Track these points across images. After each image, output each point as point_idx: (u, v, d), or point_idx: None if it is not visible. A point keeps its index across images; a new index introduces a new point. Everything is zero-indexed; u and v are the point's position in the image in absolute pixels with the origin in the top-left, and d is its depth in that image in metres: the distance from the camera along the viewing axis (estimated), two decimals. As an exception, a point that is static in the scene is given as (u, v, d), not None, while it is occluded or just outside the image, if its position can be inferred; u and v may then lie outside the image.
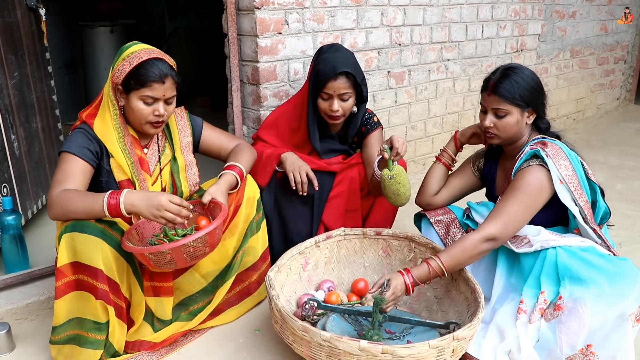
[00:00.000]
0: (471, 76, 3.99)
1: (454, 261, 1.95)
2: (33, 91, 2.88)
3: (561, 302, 1.88)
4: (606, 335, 1.78)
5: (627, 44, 5.84)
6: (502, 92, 2.02)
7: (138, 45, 1.98)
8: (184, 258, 1.84)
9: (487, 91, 2.07)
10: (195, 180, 2.22)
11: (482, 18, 3.89)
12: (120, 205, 1.80)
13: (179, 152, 2.18)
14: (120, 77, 1.94)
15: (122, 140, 2.01)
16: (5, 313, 2.21)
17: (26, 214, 2.76)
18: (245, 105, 2.91)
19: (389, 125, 3.50)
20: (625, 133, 5.20)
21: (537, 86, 2.08)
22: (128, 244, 1.84)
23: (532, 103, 2.06)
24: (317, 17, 2.91)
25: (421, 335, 1.97)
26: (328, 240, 2.32)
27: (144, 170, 2.06)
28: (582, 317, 1.81)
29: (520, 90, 2.02)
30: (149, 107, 1.96)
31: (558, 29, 4.71)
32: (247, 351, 2.08)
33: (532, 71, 2.11)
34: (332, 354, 1.70)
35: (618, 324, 1.78)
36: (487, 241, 1.94)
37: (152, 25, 6.35)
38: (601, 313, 1.81)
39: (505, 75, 2.05)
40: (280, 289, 2.09)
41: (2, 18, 2.57)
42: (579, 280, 1.88)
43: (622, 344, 1.76)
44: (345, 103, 2.37)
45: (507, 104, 2.03)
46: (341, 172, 2.50)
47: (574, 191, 1.97)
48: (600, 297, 1.83)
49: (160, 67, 1.94)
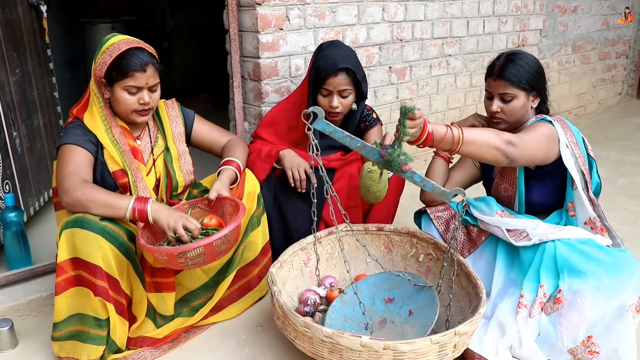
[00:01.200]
0: (472, 72, 3.98)
1: (471, 136, 1.85)
2: (35, 88, 2.89)
3: (561, 295, 1.89)
4: (607, 326, 1.79)
5: (629, 38, 5.82)
6: (509, 76, 2.06)
7: (117, 37, 2.01)
8: (214, 254, 1.87)
9: (493, 76, 2.11)
10: (189, 170, 2.23)
11: (484, 13, 3.88)
12: (148, 210, 1.87)
13: (171, 142, 2.21)
14: (103, 70, 1.96)
15: (110, 131, 2.04)
16: (8, 309, 2.22)
17: (28, 210, 2.76)
18: (247, 101, 2.91)
19: (391, 121, 3.50)
20: (627, 128, 5.18)
21: (541, 70, 2.13)
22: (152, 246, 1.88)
23: (537, 86, 2.10)
24: (318, 12, 2.91)
25: (420, 304, 1.99)
26: (330, 236, 2.32)
27: (137, 159, 2.09)
28: (582, 310, 1.82)
29: (525, 74, 2.06)
30: (133, 97, 1.99)
31: (559, 24, 4.69)
32: (249, 347, 2.08)
33: (534, 56, 2.15)
34: (334, 350, 1.70)
35: (618, 315, 1.79)
36: (505, 142, 1.89)
37: (153, 22, 6.34)
38: (601, 305, 1.82)
39: (509, 60, 2.09)
40: (282, 285, 2.10)
41: (3, 15, 2.57)
42: (578, 273, 1.88)
43: (623, 335, 1.77)
44: (345, 100, 2.37)
45: (514, 88, 2.06)
46: (340, 168, 2.50)
47: (578, 158, 2.01)
48: (600, 289, 1.84)
49: (140, 56, 1.97)
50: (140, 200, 1.89)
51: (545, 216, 2.17)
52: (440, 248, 2.19)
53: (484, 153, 1.88)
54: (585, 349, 1.80)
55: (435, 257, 2.22)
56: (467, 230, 2.24)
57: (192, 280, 2.19)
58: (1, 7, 2.56)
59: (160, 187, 2.17)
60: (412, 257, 2.30)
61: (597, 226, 2.08)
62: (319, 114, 1.74)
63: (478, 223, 2.19)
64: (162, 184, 2.17)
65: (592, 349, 1.79)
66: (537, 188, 2.13)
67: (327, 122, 1.77)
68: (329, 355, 1.73)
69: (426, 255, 2.25)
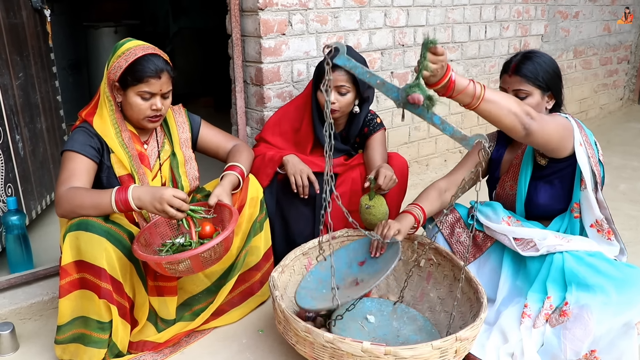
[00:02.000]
0: (474, 77, 3.98)
1: (493, 96, 1.75)
2: (38, 92, 2.90)
3: (567, 308, 1.87)
4: (611, 342, 1.77)
5: (631, 44, 5.83)
6: (525, 72, 2.02)
7: (132, 42, 2.01)
8: (201, 265, 1.88)
9: (509, 72, 2.07)
10: (195, 175, 2.23)
11: (485, 19, 3.89)
12: (129, 199, 1.84)
13: (177, 147, 2.21)
14: (117, 74, 1.96)
15: (120, 135, 2.04)
16: (9, 313, 2.22)
17: (30, 214, 2.77)
18: (249, 105, 2.92)
19: (392, 126, 3.50)
20: (629, 133, 5.19)
21: (558, 71, 2.09)
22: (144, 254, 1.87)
23: (553, 87, 2.07)
24: (320, 18, 2.92)
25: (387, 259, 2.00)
26: (332, 240, 2.32)
27: (144, 165, 2.09)
28: (588, 324, 1.80)
29: (542, 72, 2.03)
30: (146, 102, 2.00)
31: (561, 30, 4.70)
32: (250, 352, 2.09)
33: (551, 57, 2.12)
34: (334, 355, 1.70)
35: (624, 332, 1.76)
36: (525, 112, 1.80)
37: (155, 26, 6.36)
38: (607, 321, 1.79)
39: (527, 57, 2.06)
40: (283, 289, 2.10)
41: (7, 19, 2.59)
42: (586, 287, 1.86)
43: (626, 351, 1.75)
44: (343, 97, 2.37)
45: (529, 85, 2.03)
46: (343, 173, 2.50)
47: (591, 157, 1.98)
48: (607, 305, 1.82)
49: (156, 62, 1.98)
50: (121, 190, 1.86)
51: (548, 222, 2.16)
52: (441, 253, 2.18)
53: (502, 116, 1.78)
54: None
55: (437, 262, 2.22)
56: (473, 236, 2.21)
57: (194, 285, 2.19)
58: (5, 11, 2.57)
59: None
60: (414, 262, 2.29)
61: (604, 229, 2.05)
62: (340, 48, 1.59)
63: (484, 229, 2.18)
64: None
65: None
66: (545, 190, 2.10)
67: (349, 57, 1.61)
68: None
69: (427, 260, 2.25)
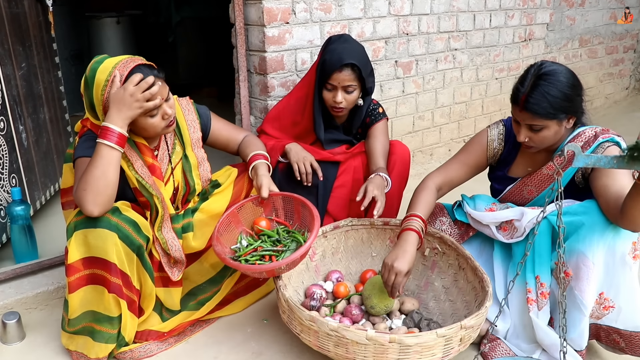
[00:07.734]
0: (479, 66, 3.96)
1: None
2: (40, 82, 2.89)
3: (565, 267, 1.81)
4: (613, 280, 1.79)
5: (637, 32, 5.78)
6: (535, 109, 1.82)
7: (109, 61, 1.86)
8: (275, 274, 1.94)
9: (519, 106, 1.86)
10: (208, 177, 2.21)
11: (490, 7, 3.86)
12: (112, 131, 1.78)
13: (189, 149, 2.15)
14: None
15: (132, 167, 1.94)
16: (15, 303, 2.23)
17: (35, 204, 2.77)
18: (253, 95, 2.91)
19: (397, 115, 3.49)
20: (634, 123, 5.15)
21: (574, 90, 1.86)
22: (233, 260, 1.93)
23: (571, 109, 1.86)
24: (324, 6, 2.90)
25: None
26: (335, 230, 2.32)
27: (155, 176, 2.01)
28: (588, 272, 1.77)
29: (555, 103, 1.81)
30: (156, 117, 1.91)
31: (567, 18, 4.66)
32: (255, 341, 2.09)
33: (567, 71, 1.87)
34: (339, 344, 1.71)
35: (621, 266, 1.77)
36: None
37: (158, 16, 6.33)
38: (602, 256, 1.77)
39: (535, 85, 1.83)
40: (287, 279, 2.10)
41: (9, 9, 2.58)
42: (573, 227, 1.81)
43: (629, 284, 1.78)
44: (349, 95, 2.36)
45: (542, 119, 1.84)
46: (345, 161, 2.50)
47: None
48: (595, 241, 1.76)
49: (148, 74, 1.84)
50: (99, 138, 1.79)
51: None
52: (446, 242, 2.18)
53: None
54: (599, 306, 1.81)
55: (441, 252, 2.21)
56: (457, 226, 2.23)
57: (200, 275, 2.19)
58: (7, 1, 2.56)
59: (178, 195, 2.14)
60: (418, 251, 2.29)
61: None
62: (575, 150, 1.48)
63: (469, 219, 2.16)
64: (180, 193, 2.14)
65: (606, 304, 1.80)
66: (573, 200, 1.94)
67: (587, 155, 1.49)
68: (335, 349, 1.73)
69: (432, 249, 2.24)
